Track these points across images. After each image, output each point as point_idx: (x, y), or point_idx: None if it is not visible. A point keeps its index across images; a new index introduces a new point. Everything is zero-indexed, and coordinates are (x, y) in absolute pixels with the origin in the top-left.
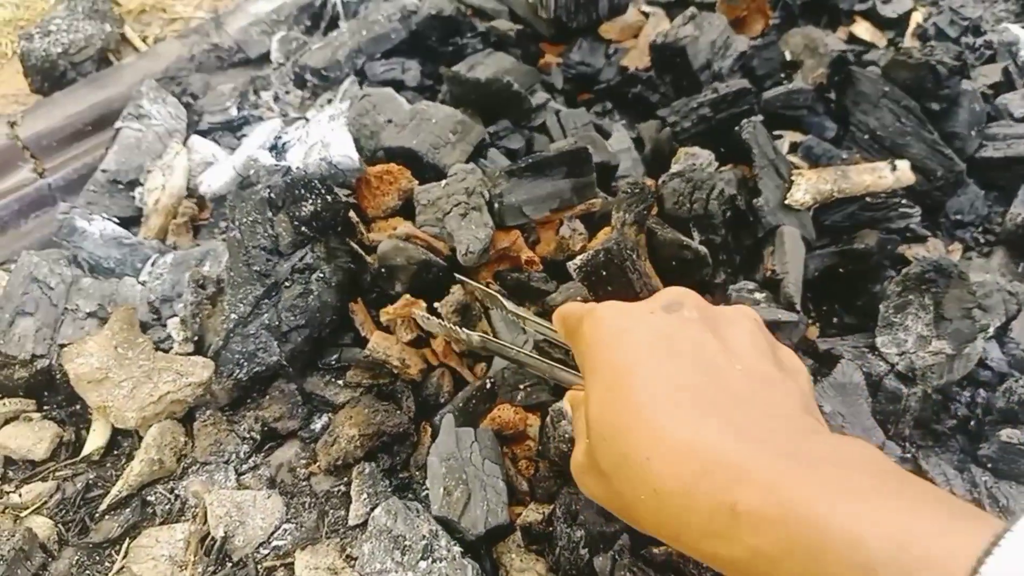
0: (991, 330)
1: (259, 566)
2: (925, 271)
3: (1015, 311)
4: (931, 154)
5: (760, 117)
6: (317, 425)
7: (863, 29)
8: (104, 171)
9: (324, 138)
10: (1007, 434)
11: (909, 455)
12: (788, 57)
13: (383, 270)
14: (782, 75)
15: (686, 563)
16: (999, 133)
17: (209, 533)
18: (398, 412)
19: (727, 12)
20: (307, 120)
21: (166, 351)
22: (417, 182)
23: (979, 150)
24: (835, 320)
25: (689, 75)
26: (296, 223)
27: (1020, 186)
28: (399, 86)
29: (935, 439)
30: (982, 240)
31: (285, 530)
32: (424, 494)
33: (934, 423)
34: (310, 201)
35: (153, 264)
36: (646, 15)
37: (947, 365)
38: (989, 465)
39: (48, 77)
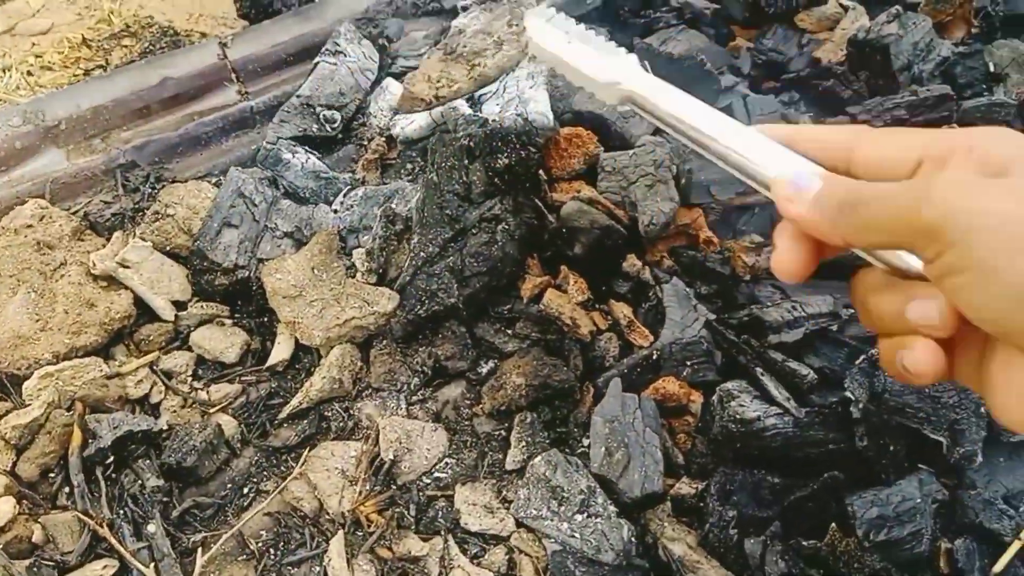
0: None
1: (421, 494)
2: None
3: None
4: None
5: (956, 126)
6: (484, 369)
7: None
8: (298, 96)
9: (522, 95)
10: None
11: None
12: (992, 68)
13: (564, 230)
14: (983, 86)
15: (835, 561)
16: None
17: (379, 455)
18: (565, 368)
19: (932, 15)
20: (504, 75)
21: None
22: (603, 148)
23: None
24: None
25: (887, 74)
26: (490, 174)
27: None
28: None
29: None
30: None
31: (447, 464)
32: (580, 451)
33: None
34: (505, 154)
35: (345, 196)
36: (845, 8)
37: None
38: None
39: (256, 4)
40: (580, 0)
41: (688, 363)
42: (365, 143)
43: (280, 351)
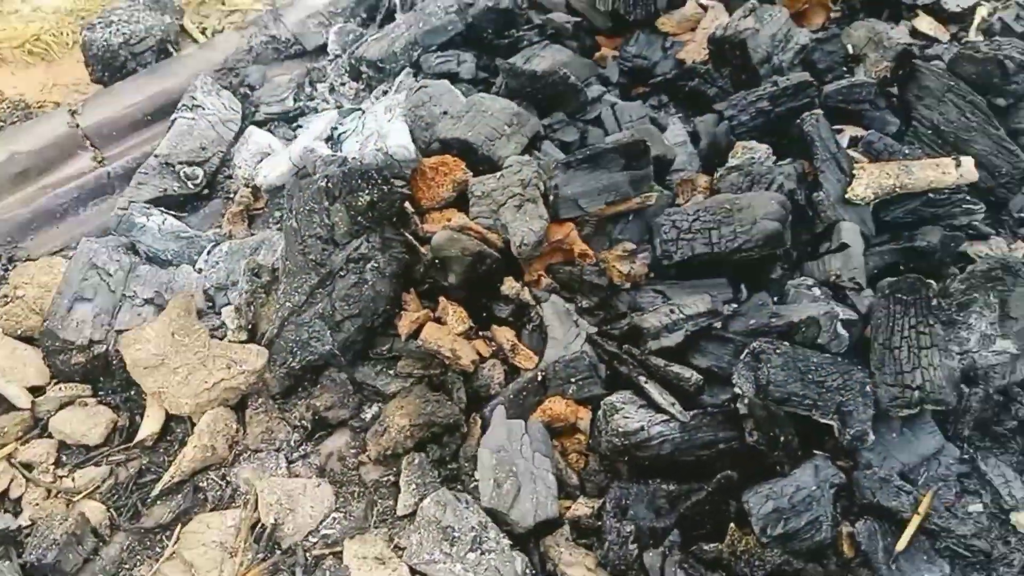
0: None
1: (308, 554)
2: (992, 268)
3: None
4: (996, 150)
5: (820, 111)
6: (368, 415)
7: (926, 23)
8: (156, 156)
9: (381, 129)
10: None
11: (967, 456)
12: (850, 50)
13: (437, 261)
14: (844, 69)
15: (736, 561)
16: None
17: (259, 520)
18: (449, 403)
19: (788, 5)
20: (363, 111)
21: (220, 339)
22: (471, 174)
23: None
24: None
25: (748, 69)
26: (352, 213)
27: None
28: (454, 78)
29: (994, 440)
30: None
31: (334, 519)
32: (473, 485)
33: (994, 424)
34: (366, 191)
35: (209, 253)
36: (704, 8)
37: (1011, 365)
38: None
39: (109, 67)
40: (443, 28)
41: (572, 380)
42: (232, 196)
43: (149, 424)
